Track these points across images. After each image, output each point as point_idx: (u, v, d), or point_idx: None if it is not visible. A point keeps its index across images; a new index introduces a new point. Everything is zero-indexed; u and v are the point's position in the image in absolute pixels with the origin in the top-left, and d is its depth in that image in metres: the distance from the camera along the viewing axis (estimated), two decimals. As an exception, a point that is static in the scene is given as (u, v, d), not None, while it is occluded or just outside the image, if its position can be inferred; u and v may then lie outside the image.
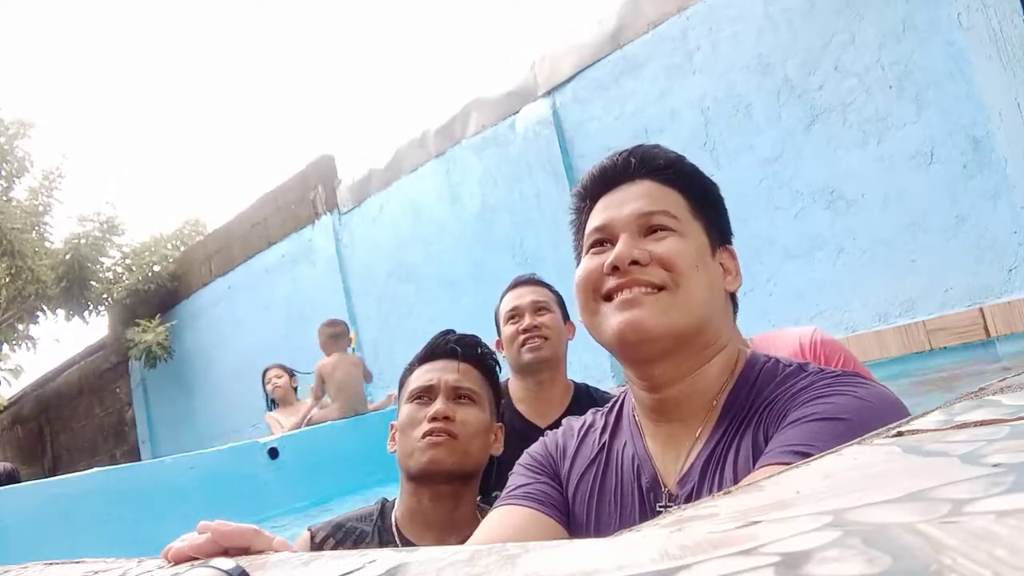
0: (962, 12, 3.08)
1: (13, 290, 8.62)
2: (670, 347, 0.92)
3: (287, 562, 0.44)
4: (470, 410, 1.41)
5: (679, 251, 0.93)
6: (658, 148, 1.04)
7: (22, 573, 0.62)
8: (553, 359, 2.07)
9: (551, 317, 2.09)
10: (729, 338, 0.98)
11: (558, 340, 2.08)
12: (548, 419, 2.03)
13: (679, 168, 1.02)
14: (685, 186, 1.00)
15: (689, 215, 0.98)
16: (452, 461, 1.36)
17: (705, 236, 0.98)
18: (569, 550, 0.34)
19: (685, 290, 0.92)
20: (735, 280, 1.00)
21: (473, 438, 1.40)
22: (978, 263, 3.12)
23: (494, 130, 5.05)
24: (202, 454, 3.82)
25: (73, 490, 3.26)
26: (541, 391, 2.08)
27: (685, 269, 0.92)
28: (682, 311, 0.91)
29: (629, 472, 0.98)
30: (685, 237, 0.95)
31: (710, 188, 1.04)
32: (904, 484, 0.36)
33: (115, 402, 9.17)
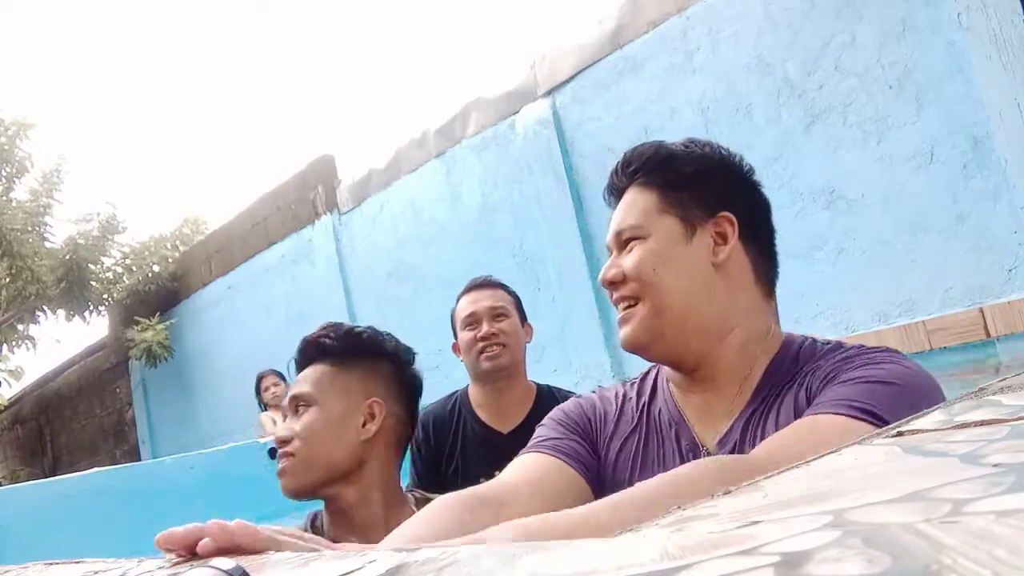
0: (962, 12, 3.08)
1: (13, 290, 8.62)
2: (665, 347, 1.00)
3: (287, 562, 0.44)
4: (306, 416, 1.31)
5: (636, 261, 1.00)
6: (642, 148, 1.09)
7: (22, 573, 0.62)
8: (512, 365, 2.04)
9: (509, 323, 2.05)
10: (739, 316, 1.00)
11: (516, 346, 2.05)
12: (509, 424, 2.02)
13: (648, 166, 1.06)
14: (659, 181, 1.05)
15: (657, 212, 1.03)
16: (293, 482, 1.29)
17: (678, 224, 1.02)
18: (569, 550, 0.34)
19: (652, 295, 0.98)
20: (724, 248, 1.01)
21: (311, 446, 1.29)
22: (978, 263, 3.12)
23: (494, 130, 5.05)
24: (202, 454, 3.82)
25: (73, 490, 3.26)
26: (500, 397, 2.06)
27: (644, 276, 0.99)
28: (657, 316, 0.98)
29: (668, 434, 1.02)
30: (647, 240, 1.01)
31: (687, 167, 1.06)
32: (904, 484, 0.36)
33: (115, 402, 9.17)
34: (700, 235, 1.01)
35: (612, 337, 4.38)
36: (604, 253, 4.29)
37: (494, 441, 2.02)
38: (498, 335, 2.02)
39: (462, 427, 2.09)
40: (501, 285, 2.16)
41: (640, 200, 1.05)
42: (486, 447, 2.01)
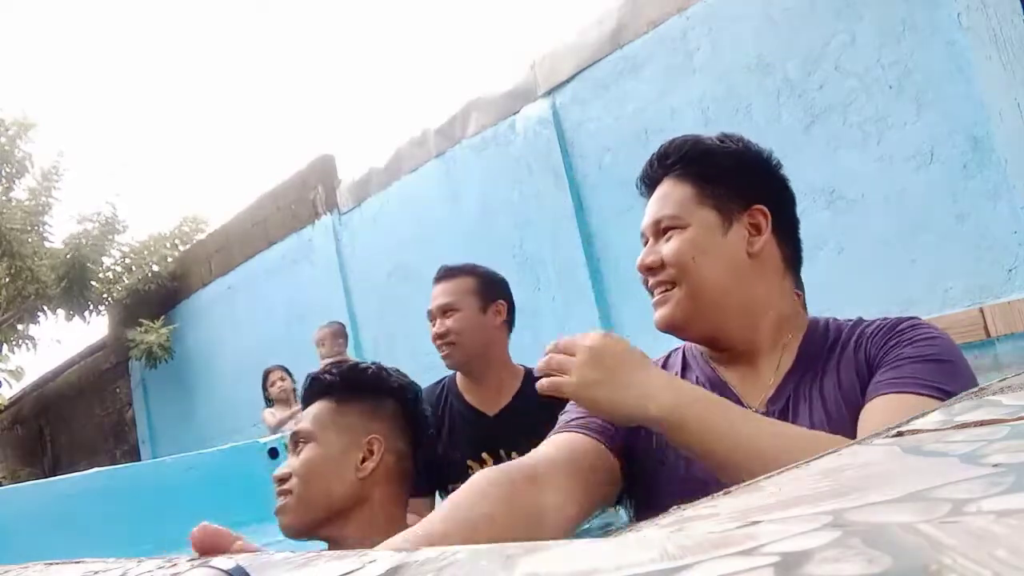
0: (962, 12, 3.08)
1: (13, 290, 8.62)
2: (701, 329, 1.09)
3: (287, 562, 0.44)
4: (304, 454, 1.30)
5: (676, 249, 1.06)
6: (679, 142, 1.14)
7: (22, 573, 0.62)
8: (470, 358, 2.04)
9: (457, 319, 2.03)
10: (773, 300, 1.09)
11: (469, 339, 2.03)
12: (495, 407, 2.04)
13: (686, 159, 1.12)
14: (695, 173, 1.11)
15: (694, 204, 1.09)
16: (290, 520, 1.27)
17: (715, 215, 1.08)
18: (569, 550, 0.34)
19: (690, 282, 1.05)
20: (759, 239, 1.09)
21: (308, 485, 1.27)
22: (978, 263, 3.12)
23: (494, 130, 5.05)
24: (202, 454, 3.82)
25: (73, 490, 3.26)
26: (480, 383, 2.08)
27: (683, 264, 1.06)
28: (693, 299, 1.06)
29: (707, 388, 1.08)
30: (686, 230, 1.07)
31: (725, 161, 1.12)
32: (904, 484, 0.36)
33: (115, 402, 9.17)
34: (736, 226, 1.08)
35: (612, 337, 4.38)
36: (604, 253, 4.29)
37: (480, 423, 2.04)
38: (446, 334, 2.02)
39: (448, 410, 2.10)
40: (457, 272, 2.14)
41: (677, 191, 1.10)
42: (472, 428, 2.03)
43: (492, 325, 2.08)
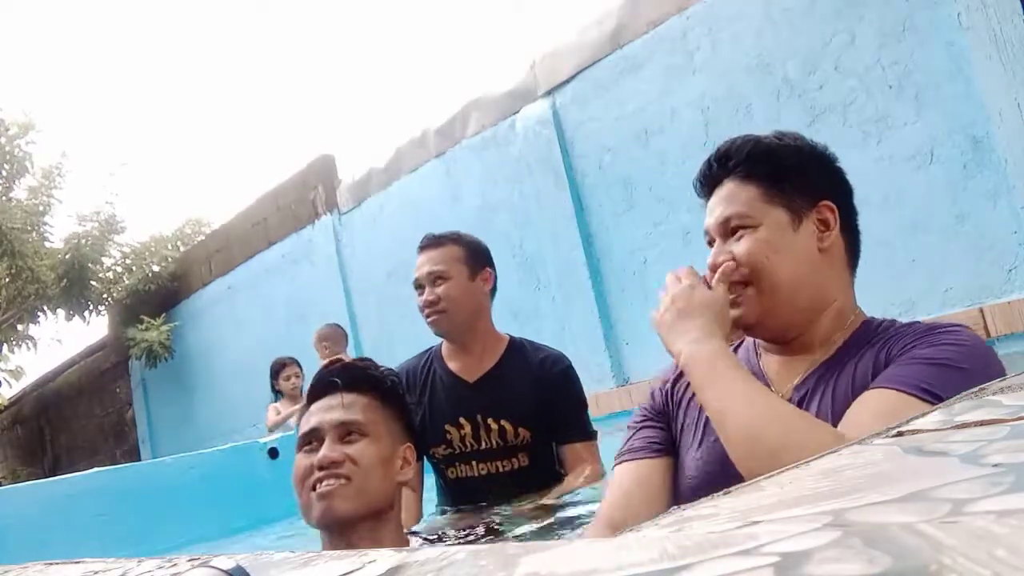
0: (962, 12, 3.08)
1: (13, 290, 8.62)
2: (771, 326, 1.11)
3: (287, 562, 0.44)
4: (360, 446, 1.30)
5: (750, 249, 1.09)
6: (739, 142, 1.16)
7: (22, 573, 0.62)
8: (459, 326, 2.07)
9: (447, 287, 2.06)
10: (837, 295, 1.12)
11: (458, 307, 2.06)
12: (476, 374, 2.08)
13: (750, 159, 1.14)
14: (759, 173, 1.12)
15: (763, 203, 1.11)
16: (348, 507, 1.25)
17: (785, 212, 1.10)
18: (569, 550, 0.34)
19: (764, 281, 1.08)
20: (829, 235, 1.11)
21: (369, 476, 1.28)
22: (978, 263, 3.12)
23: (494, 130, 5.05)
24: (202, 454, 3.82)
25: (73, 490, 3.26)
26: (463, 350, 2.11)
27: (757, 263, 1.08)
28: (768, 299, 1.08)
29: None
30: (758, 229, 1.09)
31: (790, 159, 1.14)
32: (904, 484, 0.36)
33: (115, 402, 9.17)
34: (805, 223, 1.10)
35: (612, 336, 4.38)
36: (604, 253, 4.28)
37: (460, 389, 2.08)
38: (437, 302, 2.05)
39: (431, 377, 2.14)
40: (445, 240, 2.15)
41: (743, 191, 1.12)
42: (452, 395, 2.08)
43: (480, 292, 2.10)
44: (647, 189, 4.23)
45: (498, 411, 2.02)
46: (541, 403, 2.02)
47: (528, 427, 2.01)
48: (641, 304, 4.26)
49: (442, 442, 2.06)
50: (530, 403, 2.02)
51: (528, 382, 2.04)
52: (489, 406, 2.02)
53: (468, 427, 2.03)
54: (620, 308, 4.37)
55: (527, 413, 2.01)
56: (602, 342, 4.37)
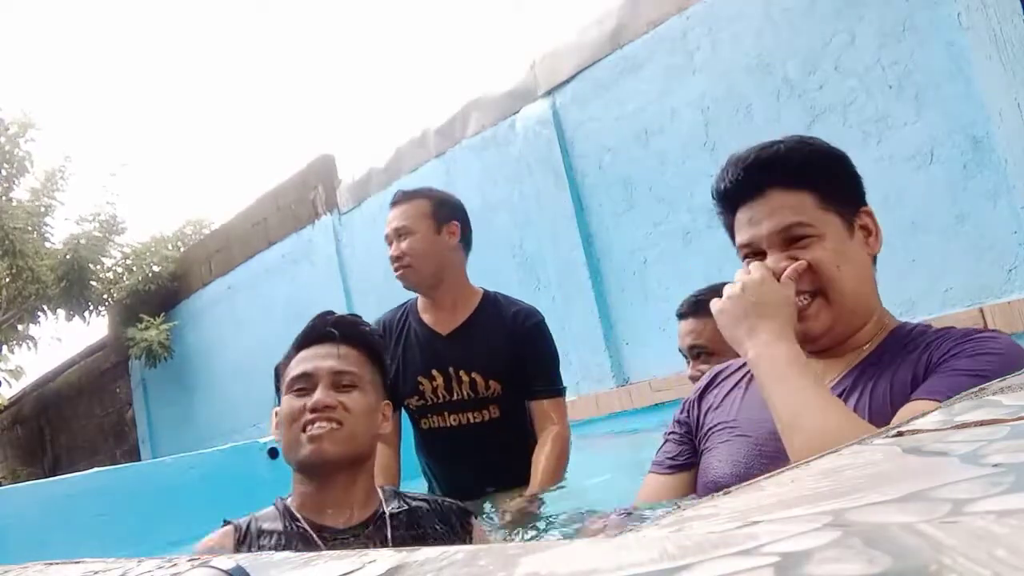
0: (962, 12, 3.08)
1: (13, 290, 8.62)
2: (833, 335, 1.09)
3: (287, 562, 0.44)
4: (353, 395, 1.37)
5: (820, 259, 1.06)
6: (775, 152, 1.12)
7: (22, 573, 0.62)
8: (427, 279, 2.11)
9: (412, 241, 2.10)
10: (877, 302, 1.12)
11: (424, 262, 2.10)
12: (449, 327, 2.12)
13: (798, 168, 1.10)
14: (809, 182, 1.09)
15: (819, 211, 1.08)
16: (337, 450, 1.32)
17: (839, 220, 1.08)
18: (569, 550, 0.34)
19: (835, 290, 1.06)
20: (876, 240, 1.11)
21: (358, 424, 1.36)
22: (978, 263, 3.12)
23: (494, 130, 5.05)
24: (202, 454, 3.81)
25: (73, 490, 3.25)
26: (436, 304, 2.15)
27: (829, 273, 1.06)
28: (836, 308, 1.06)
29: None
30: (824, 238, 1.07)
31: (832, 167, 1.13)
32: (904, 484, 0.36)
33: (115, 402, 9.17)
34: (856, 230, 1.10)
35: (612, 337, 4.38)
36: (604, 253, 4.26)
37: (434, 342, 2.12)
38: (402, 257, 2.10)
39: (406, 330, 2.19)
40: (415, 195, 2.19)
41: (796, 199, 1.08)
42: (425, 347, 2.13)
43: (447, 246, 2.13)
44: (647, 189, 4.23)
45: (470, 363, 2.06)
46: (513, 356, 2.06)
47: (499, 380, 2.05)
48: (641, 304, 4.26)
49: (415, 393, 2.11)
50: (502, 356, 2.05)
51: (501, 336, 2.08)
52: (461, 358, 2.06)
53: (440, 379, 2.07)
54: (620, 308, 4.37)
55: (498, 366, 2.05)
56: (602, 342, 4.37)
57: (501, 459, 2.07)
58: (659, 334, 4.12)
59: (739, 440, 1.14)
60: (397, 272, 2.12)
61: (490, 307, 2.14)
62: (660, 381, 3.98)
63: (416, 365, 2.10)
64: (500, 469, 2.08)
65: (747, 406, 1.17)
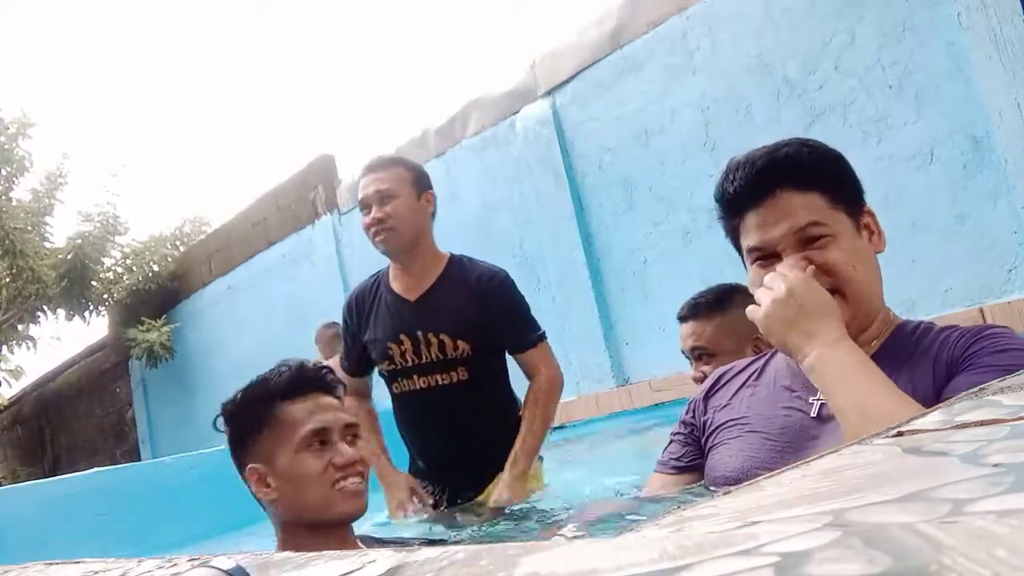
0: (962, 12, 3.08)
1: (14, 290, 8.62)
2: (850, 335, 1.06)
3: (287, 562, 0.44)
4: (360, 444, 1.42)
5: (837, 259, 1.07)
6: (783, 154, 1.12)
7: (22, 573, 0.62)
8: (406, 243, 2.15)
9: (395, 205, 2.12)
10: (883, 301, 1.14)
11: (406, 225, 2.13)
12: (416, 293, 2.17)
13: (807, 169, 1.11)
14: (819, 182, 1.10)
15: (830, 210, 1.09)
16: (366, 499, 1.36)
17: (848, 219, 1.10)
18: (569, 550, 0.34)
19: (852, 289, 1.07)
20: (880, 240, 1.13)
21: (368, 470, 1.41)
22: (978, 263, 3.12)
23: (494, 130, 5.05)
24: (202, 454, 3.81)
25: (73, 490, 3.26)
26: (407, 270, 2.19)
27: (846, 274, 1.07)
28: (852, 306, 1.07)
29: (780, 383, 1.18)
30: (838, 237, 1.08)
31: (836, 167, 1.14)
32: (904, 484, 0.36)
33: (115, 402, 9.17)
34: (862, 229, 1.11)
35: (612, 337, 4.38)
36: (604, 253, 4.25)
37: (402, 308, 2.17)
38: (384, 220, 2.11)
39: (377, 298, 2.24)
40: (393, 163, 2.21)
41: (808, 200, 1.09)
42: (394, 313, 2.17)
43: (425, 213, 2.18)
44: (647, 189, 4.23)
45: (437, 325, 2.09)
46: (481, 317, 2.08)
47: (467, 340, 2.07)
48: (641, 304, 4.26)
49: (385, 359, 2.15)
50: (468, 316, 2.08)
51: (466, 297, 2.12)
52: (428, 322, 2.10)
53: (408, 343, 2.11)
54: (620, 308, 4.37)
55: (465, 326, 2.08)
56: (602, 342, 4.37)
57: (471, 424, 2.09)
58: (659, 334, 4.12)
59: (751, 436, 1.15)
60: (378, 236, 2.13)
61: (455, 270, 2.18)
62: (660, 381, 3.98)
63: (386, 331, 2.15)
64: (470, 433, 2.09)
65: (757, 403, 1.18)
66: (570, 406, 4.41)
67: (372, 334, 2.19)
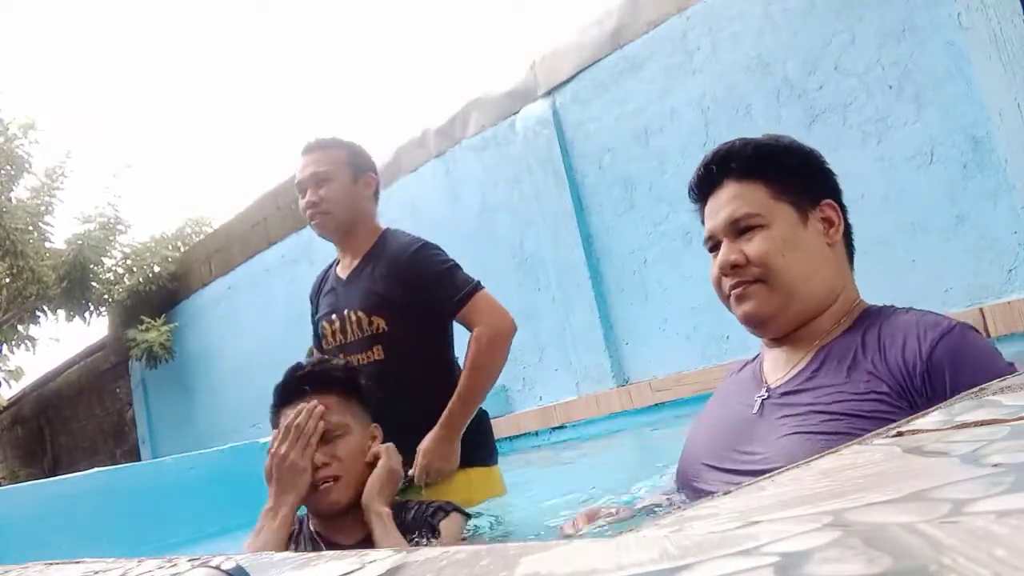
0: (962, 12, 3.08)
1: (14, 290, 8.61)
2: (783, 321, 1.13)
3: (287, 562, 0.44)
4: (341, 444, 1.49)
5: (765, 248, 1.10)
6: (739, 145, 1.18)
7: (22, 573, 0.62)
8: (342, 226, 2.13)
9: (331, 188, 2.10)
10: (842, 288, 1.15)
11: (342, 208, 2.11)
12: (348, 271, 2.16)
13: (753, 160, 1.16)
14: (764, 174, 1.15)
15: (772, 201, 1.13)
16: (345, 498, 1.46)
17: (793, 210, 1.13)
18: (569, 550, 0.34)
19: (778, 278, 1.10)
20: (837, 232, 1.16)
21: (355, 467, 1.49)
22: (978, 263, 3.12)
23: (494, 130, 5.05)
24: (202, 454, 3.81)
25: (73, 490, 3.25)
26: (345, 252, 2.19)
27: (773, 262, 1.10)
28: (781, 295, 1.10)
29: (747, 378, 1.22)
30: (771, 227, 1.12)
31: (791, 160, 1.18)
32: (904, 484, 0.36)
33: (115, 402, 9.17)
34: (811, 221, 1.14)
35: (612, 337, 4.38)
36: (604, 253, 4.26)
37: (337, 288, 2.18)
38: (319, 203, 2.09)
39: (326, 279, 2.26)
40: (330, 144, 2.17)
41: (748, 191, 1.14)
42: (331, 293, 2.19)
43: (362, 196, 2.16)
44: (647, 189, 4.23)
45: (356, 302, 2.07)
46: (397, 289, 2.02)
47: (381, 315, 2.02)
48: (641, 304, 4.26)
49: (322, 338, 2.15)
50: (383, 290, 2.04)
51: (384, 271, 2.08)
52: (351, 299, 2.09)
53: (337, 323, 2.10)
54: (620, 308, 4.36)
55: (379, 301, 2.03)
56: (602, 342, 4.36)
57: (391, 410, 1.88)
58: (659, 334, 4.12)
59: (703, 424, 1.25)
60: (313, 220, 2.12)
61: (379, 246, 2.15)
62: (660, 381, 3.98)
63: (323, 311, 2.16)
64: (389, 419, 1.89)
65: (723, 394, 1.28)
66: (570, 406, 4.41)
67: (316, 315, 2.22)
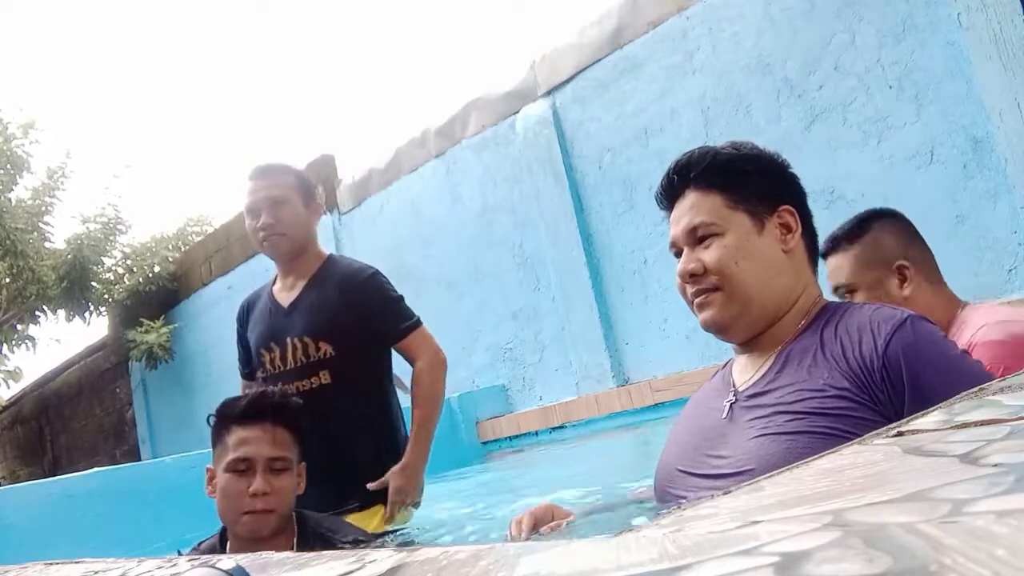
0: (962, 12, 3.08)
1: (14, 290, 8.61)
2: (742, 326, 1.15)
3: (287, 562, 0.44)
4: (284, 478, 1.59)
5: (719, 256, 1.14)
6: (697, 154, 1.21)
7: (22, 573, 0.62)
8: (295, 247, 2.16)
9: (286, 211, 2.13)
10: (802, 290, 1.17)
11: (296, 231, 2.14)
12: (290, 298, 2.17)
13: (709, 170, 1.19)
14: (720, 183, 1.17)
15: (727, 210, 1.16)
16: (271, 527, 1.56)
17: (748, 218, 1.16)
18: (569, 550, 0.34)
19: (733, 284, 1.13)
20: (794, 237, 1.18)
21: (287, 501, 1.60)
22: (978, 263, 3.12)
23: (494, 130, 5.05)
24: (202, 454, 3.81)
25: (73, 490, 3.26)
26: (286, 275, 2.21)
27: (727, 269, 1.13)
28: (738, 301, 1.13)
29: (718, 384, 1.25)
30: (725, 235, 1.15)
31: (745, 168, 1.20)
32: (904, 484, 0.36)
33: (115, 402, 9.16)
34: (768, 227, 1.16)
35: (612, 337, 4.38)
36: (604, 253, 4.27)
37: (275, 315, 2.17)
38: (275, 225, 2.12)
39: (259, 305, 2.26)
40: (280, 170, 2.19)
41: (707, 200, 1.17)
42: (269, 320, 2.17)
43: (313, 220, 2.20)
44: (647, 189, 4.23)
45: (301, 329, 2.08)
46: (345, 315, 2.05)
47: (328, 341, 2.04)
48: (641, 304, 4.26)
49: (260, 365, 2.15)
50: (330, 315, 2.06)
51: (330, 296, 2.10)
52: (293, 326, 2.09)
53: (277, 351, 2.10)
54: (620, 308, 4.37)
55: (326, 327, 2.05)
56: (602, 342, 4.36)
57: (340, 433, 2.00)
58: (659, 334, 4.12)
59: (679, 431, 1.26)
60: (267, 241, 2.14)
61: (324, 271, 2.16)
62: (660, 381, 3.98)
63: (260, 338, 2.16)
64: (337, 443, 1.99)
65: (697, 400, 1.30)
66: (570, 406, 4.41)
67: (252, 340, 2.20)
